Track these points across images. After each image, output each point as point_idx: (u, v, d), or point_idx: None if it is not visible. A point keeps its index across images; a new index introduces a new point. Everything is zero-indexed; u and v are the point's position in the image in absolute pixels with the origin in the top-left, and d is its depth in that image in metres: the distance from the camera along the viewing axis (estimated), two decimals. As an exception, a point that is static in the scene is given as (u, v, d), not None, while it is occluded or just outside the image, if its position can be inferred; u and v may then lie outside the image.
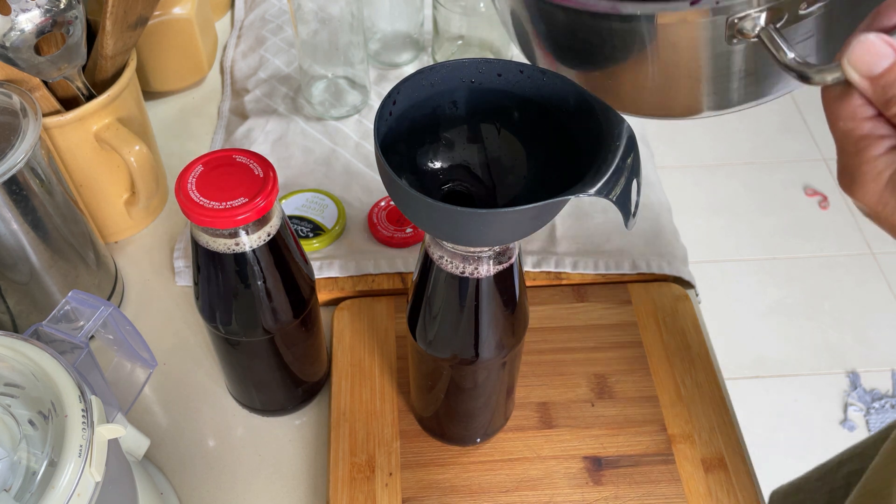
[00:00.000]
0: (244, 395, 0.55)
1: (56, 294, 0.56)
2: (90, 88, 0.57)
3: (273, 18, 0.84)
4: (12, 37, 0.50)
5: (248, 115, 0.74)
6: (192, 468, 0.53)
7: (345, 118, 0.74)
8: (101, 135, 0.58)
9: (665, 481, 0.51)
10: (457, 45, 0.78)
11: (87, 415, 0.34)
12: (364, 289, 0.62)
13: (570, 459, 0.52)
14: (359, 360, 0.57)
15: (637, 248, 0.63)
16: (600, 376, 0.56)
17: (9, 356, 0.36)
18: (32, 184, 0.51)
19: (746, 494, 0.50)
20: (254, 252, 0.44)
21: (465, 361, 0.45)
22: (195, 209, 0.41)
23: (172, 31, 0.73)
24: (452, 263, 0.40)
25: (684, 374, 0.56)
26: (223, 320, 0.47)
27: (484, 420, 0.51)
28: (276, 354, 0.51)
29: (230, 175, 0.42)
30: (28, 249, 0.53)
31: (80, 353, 0.42)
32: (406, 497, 0.50)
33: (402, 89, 0.37)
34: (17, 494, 0.33)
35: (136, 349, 0.48)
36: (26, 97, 0.51)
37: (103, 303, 0.44)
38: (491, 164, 0.42)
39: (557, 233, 0.65)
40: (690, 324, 0.59)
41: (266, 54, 0.80)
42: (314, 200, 0.66)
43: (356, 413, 0.54)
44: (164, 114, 0.77)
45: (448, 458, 0.52)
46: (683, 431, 0.53)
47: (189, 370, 0.58)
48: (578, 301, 0.61)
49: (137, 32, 0.58)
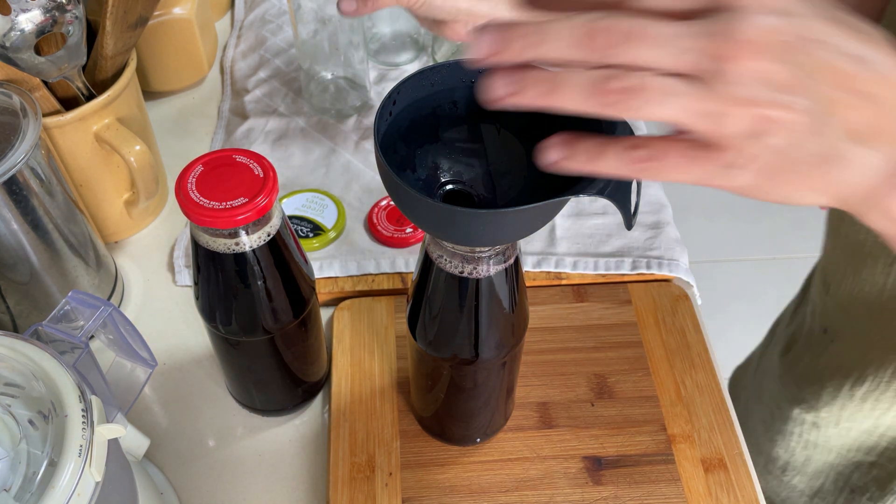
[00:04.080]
0: (244, 395, 0.55)
1: (56, 294, 0.56)
2: (90, 88, 0.57)
3: (273, 18, 0.84)
4: (12, 37, 0.50)
5: (248, 115, 0.74)
6: (192, 468, 0.53)
7: (345, 118, 0.74)
8: (101, 135, 0.58)
9: (665, 481, 0.51)
10: (457, 46, 0.78)
11: (87, 415, 0.34)
12: (364, 289, 0.62)
13: (569, 459, 0.52)
14: (359, 360, 0.57)
15: (637, 248, 0.63)
16: (600, 376, 0.56)
17: (9, 356, 0.36)
18: (32, 184, 0.51)
19: (746, 494, 0.50)
20: (254, 252, 0.44)
21: (465, 361, 0.45)
22: (195, 209, 0.41)
23: (172, 31, 0.73)
24: (452, 263, 0.40)
25: (684, 374, 0.56)
26: (223, 320, 0.47)
27: (484, 420, 0.51)
28: (276, 354, 0.51)
29: (230, 175, 0.42)
30: (28, 249, 0.53)
31: (80, 352, 0.42)
32: (406, 497, 0.50)
33: (402, 89, 0.37)
34: (17, 494, 0.33)
35: (136, 349, 0.48)
36: (26, 97, 0.51)
37: (103, 303, 0.44)
38: (491, 164, 0.42)
39: (557, 233, 0.65)
40: (690, 324, 0.59)
41: (266, 54, 0.80)
42: (314, 200, 0.66)
43: (356, 413, 0.54)
44: (164, 114, 0.77)
45: (448, 458, 0.52)
46: (683, 431, 0.53)
47: (189, 370, 0.58)
48: (578, 301, 0.61)
49: (137, 32, 0.58)
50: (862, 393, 0.59)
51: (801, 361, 0.68)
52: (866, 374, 0.58)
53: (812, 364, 0.65)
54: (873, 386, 0.58)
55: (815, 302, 0.67)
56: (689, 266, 0.63)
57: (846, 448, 0.65)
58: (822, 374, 0.63)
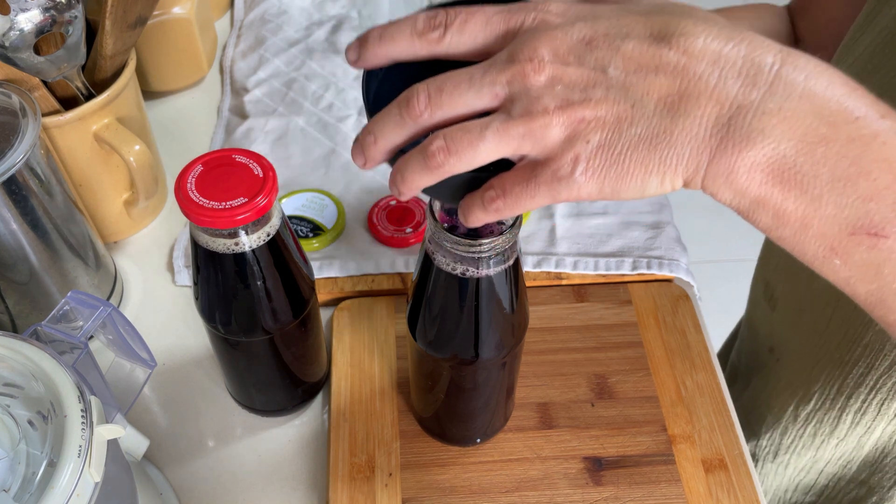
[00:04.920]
0: (244, 395, 0.55)
1: (56, 294, 0.56)
2: (90, 88, 0.57)
3: (273, 18, 0.84)
4: (11, 36, 0.50)
5: (248, 115, 0.74)
6: (192, 468, 0.53)
7: (344, 119, 0.74)
8: (100, 134, 0.58)
9: (665, 481, 0.51)
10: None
11: (86, 415, 0.34)
12: (364, 289, 0.61)
13: (570, 460, 0.52)
14: (359, 360, 0.57)
15: (637, 248, 0.63)
16: (600, 376, 0.56)
17: (8, 356, 0.36)
18: (32, 184, 0.51)
19: (746, 494, 0.50)
20: (253, 252, 0.44)
21: (465, 361, 0.45)
22: (195, 209, 0.41)
23: (172, 30, 0.73)
24: (452, 264, 0.40)
25: (684, 375, 0.56)
26: (223, 320, 0.47)
27: (484, 420, 0.51)
28: (276, 354, 0.51)
29: (230, 175, 0.42)
30: (28, 249, 0.53)
31: (80, 353, 0.42)
32: (406, 497, 0.50)
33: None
34: (17, 494, 0.32)
35: (135, 349, 0.48)
36: (26, 97, 0.50)
37: (103, 303, 0.43)
38: None
39: (557, 233, 0.64)
40: (690, 324, 0.59)
41: (266, 54, 0.80)
42: (314, 200, 0.66)
43: (356, 413, 0.54)
44: (164, 114, 0.77)
45: (448, 459, 0.52)
46: (683, 431, 0.53)
47: (189, 370, 0.58)
48: (578, 301, 0.61)
49: (137, 32, 0.58)
50: (806, 413, 0.58)
51: (749, 386, 0.66)
52: (812, 391, 0.56)
53: (758, 386, 0.64)
54: (818, 404, 0.56)
55: (759, 321, 0.65)
56: (689, 266, 0.63)
57: (782, 489, 0.64)
58: (770, 394, 0.62)
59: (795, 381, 0.59)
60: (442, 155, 0.30)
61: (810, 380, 0.56)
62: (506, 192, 0.31)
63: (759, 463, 0.65)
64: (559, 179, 0.30)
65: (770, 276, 0.63)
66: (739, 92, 0.28)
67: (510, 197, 0.31)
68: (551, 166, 0.30)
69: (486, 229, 0.40)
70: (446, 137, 0.30)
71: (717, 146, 0.28)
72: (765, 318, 0.64)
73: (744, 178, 0.28)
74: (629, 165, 0.29)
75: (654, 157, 0.29)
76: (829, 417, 0.56)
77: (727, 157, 0.28)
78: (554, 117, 0.29)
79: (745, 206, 0.29)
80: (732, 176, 0.28)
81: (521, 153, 0.30)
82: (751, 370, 0.67)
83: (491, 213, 0.32)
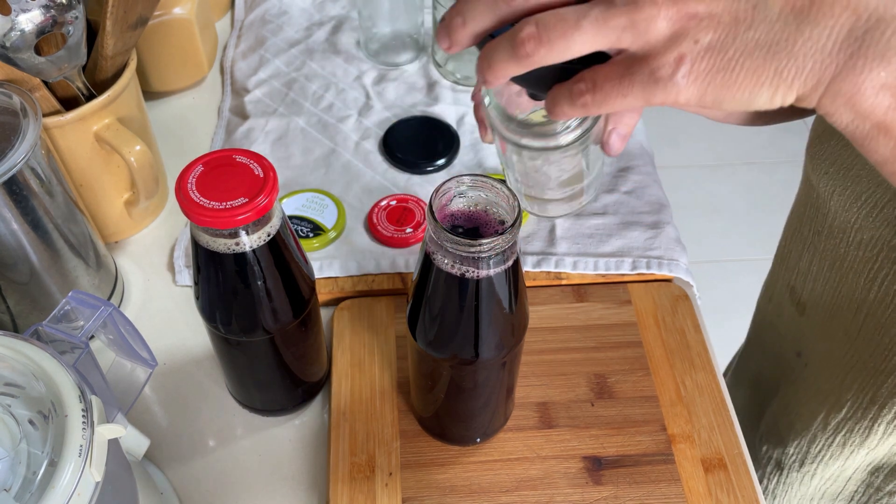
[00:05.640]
0: (244, 395, 0.55)
1: (56, 294, 0.56)
2: (90, 88, 0.57)
3: (273, 18, 0.84)
4: (12, 37, 0.50)
5: (248, 115, 0.74)
6: (192, 468, 0.53)
7: (344, 119, 0.74)
8: (101, 135, 0.58)
9: (665, 481, 0.51)
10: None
11: (87, 415, 0.34)
12: (364, 289, 0.62)
13: (569, 459, 0.52)
14: (359, 360, 0.57)
15: (637, 248, 0.63)
16: (600, 376, 0.56)
17: (9, 356, 0.36)
18: (32, 184, 0.51)
19: (746, 495, 0.50)
20: (254, 252, 0.44)
21: (465, 361, 0.45)
22: (195, 209, 0.41)
23: (172, 31, 0.73)
24: (452, 264, 0.40)
25: (684, 374, 0.56)
26: (223, 320, 0.47)
27: (484, 420, 0.51)
28: (276, 354, 0.51)
29: (230, 175, 0.42)
30: (28, 249, 0.53)
31: (80, 353, 0.42)
32: (406, 497, 0.50)
33: None
34: (17, 494, 0.33)
35: (136, 349, 0.48)
36: (26, 97, 0.51)
37: (103, 303, 0.44)
38: None
39: (557, 233, 0.65)
40: (690, 324, 0.59)
41: (266, 54, 0.80)
42: (314, 200, 0.66)
43: (356, 413, 0.54)
44: (164, 114, 0.77)
45: (448, 458, 0.52)
46: (683, 431, 0.53)
47: (189, 370, 0.58)
48: (578, 301, 0.61)
49: (137, 32, 0.58)
50: (837, 422, 0.55)
51: (778, 393, 0.64)
52: (844, 399, 0.54)
53: (788, 392, 0.62)
54: (850, 412, 0.54)
55: (785, 326, 0.63)
56: (689, 266, 0.63)
57: (808, 497, 0.62)
58: (800, 401, 0.60)
59: (826, 388, 0.57)
60: (532, 43, 0.28)
61: (842, 388, 0.54)
62: (596, 87, 0.28)
63: (784, 472, 0.63)
64: (657, 80, 0.27)
65: (794, 280, 0.60)
66: (882, 2, 0.25)
67: (600, 93, 0.28)
68: (651, 64, 0.27)
69: (487, 230, 0.40)
70: (539, 24, 0.28)
71: (846, 61, 0.25)
72: (792, 323, 0.62)
73: (870, 100, 0.25)
74: (739, 74, 0.26)
75: (770, 66, 0.26)
76: (861, 427, 0.54)
77: (855, 74, 0.25)
78: (662, 9, 0.26)
79: (862, 133, 0.26)
80: (858, 97, 0.25)
81: (620, 47, 0.28)
82: (778, 376, 0.65)
83: (578, 108, 0.29)
